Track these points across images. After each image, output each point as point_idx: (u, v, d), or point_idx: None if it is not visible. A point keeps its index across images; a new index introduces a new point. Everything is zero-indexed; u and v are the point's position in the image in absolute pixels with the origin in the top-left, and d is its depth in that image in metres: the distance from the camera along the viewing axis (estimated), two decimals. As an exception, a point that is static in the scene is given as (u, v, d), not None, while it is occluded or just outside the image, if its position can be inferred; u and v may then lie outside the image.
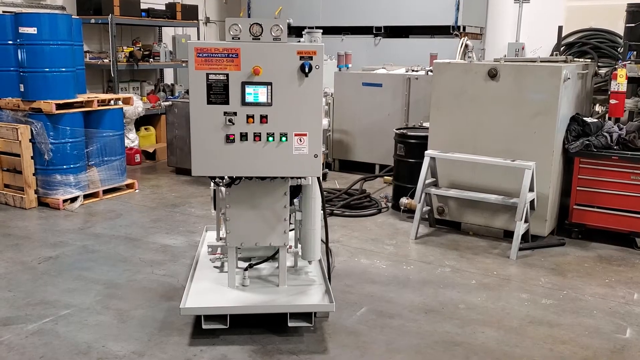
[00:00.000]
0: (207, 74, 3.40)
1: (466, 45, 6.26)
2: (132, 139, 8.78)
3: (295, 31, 9.03)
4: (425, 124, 6.51)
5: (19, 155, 6.35)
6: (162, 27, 10.20)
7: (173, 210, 6.46)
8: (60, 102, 6.34)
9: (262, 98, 3.44)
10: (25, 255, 5.06)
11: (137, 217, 6.18)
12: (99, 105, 6.76)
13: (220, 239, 4.33)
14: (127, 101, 7.28)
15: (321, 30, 4.05)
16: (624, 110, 5.87)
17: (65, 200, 6.44)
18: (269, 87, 3.43)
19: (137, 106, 8.46)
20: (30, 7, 8.13)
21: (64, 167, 6.48)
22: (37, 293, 4.31)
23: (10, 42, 6.42)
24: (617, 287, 4.61)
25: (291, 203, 3.91)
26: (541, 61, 5.72)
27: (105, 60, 8.79)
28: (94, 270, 4.75)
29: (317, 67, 3.40)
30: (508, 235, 5.48)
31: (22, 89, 6.42)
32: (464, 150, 5.61)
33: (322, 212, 3.93)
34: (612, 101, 5.68)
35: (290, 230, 3.93)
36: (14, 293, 4.30)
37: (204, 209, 6.45)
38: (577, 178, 5.53)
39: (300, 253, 4.12)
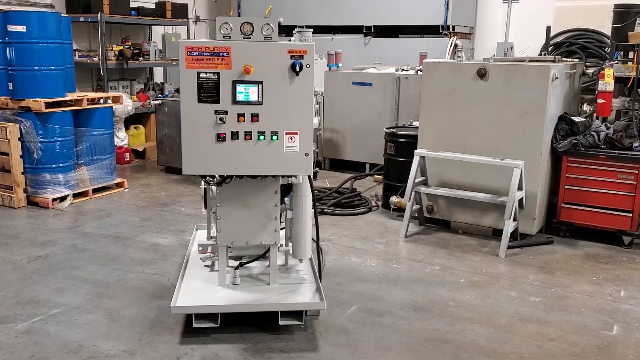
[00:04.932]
0: (198, 73, 3.40)
1: (455, 45, 6.28)
2: (121, 137, 8.75)
3: (286, 30, 9.04)
4: (415, 123, 6.54)
5: (7, 154, 6.31)
6: (152, 26, 10.16)
7: (163, 209, 6.45)
8: (50, 100, 6.31)
9: (253, 97, 3.44)
10: (14, 254, 5.04)
11: (127, 216, 6.16)
12: (88, 104, 6.73)
13: (211, 238, 4.33)
14: (116, 100, 7.26)
15: (311, 30, 4.05)
16: (612, 110, 5.92)
17: (54, 199, 6.41)
18: (260, 85, 3.43)
19: (127, 105, 8.42)
20: (19, 5, 8.08)
21: (53, 166, 6.45)
22: (26, 292, 4.29)
23: (-2, 40, 6.39)
24: (605, 284, 4.66)
25: (282, 202, 3.92)
26: (530, 61, 5.76)
27: (94, 58, 8.75)
28: (84, 269, 4.74)
29: (307, 66, 3.42)
30: (497, 233, 5.52)
31: (10, 88, 6.37)
32: (453, 149, 5.65)
33: (312, 210, 3.94)
34: (600, 100, 5.72)
35: (281, 229, 3.94)
36: (3, 292, 4.28)
37: (194, 208, 6.44)
38: (565, 177, 5.58)
39: (291, 252, 4.14)
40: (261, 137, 3.48)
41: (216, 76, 3.41)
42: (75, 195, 6.63)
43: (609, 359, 3.57)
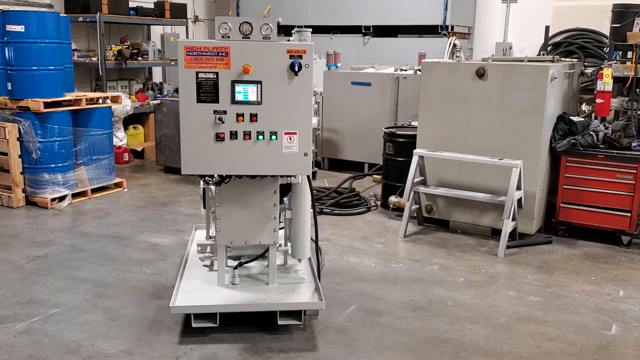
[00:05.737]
0: (197, 73, 3.40)
1: (454, 45, 6.28)
2: (120, 137, 8.75)
3: (285, 30, 9.05)
4: (414, 123, 6.53)
5: (6, 154, 6.31)
6: (151, 26, 10.15)
7: (162, 209, 6.45)
8: (48, 100, 6.30)
9: (252, 97, 3.44)
10: (13, 254, 5.03)
11: (126, 216, 6.16)
12: (87, 104, 6.72)
13: (210, 238, 4.33)
14: (115, 100, 7.26)
15: (310, 29, 4.05)
16: (610, 110, 5.93)
17: (53, 199, 6.40)
18: (259, 85, 3.43)
19: (126, 105, 8.43)
20: (17, 5, 8.07)
21: (52, 165, 6.45)
22: (25, 292, 4.29)
23: (-3, 40, 6.39)
24: (603, 284, 4.66)
25: (281, 201, 3.92)
26: (528, 61, 5.76)
27: (93, 58, 8.75)
28: (83, 269, 4.73)
29: (306, 65, 3.42)
30: (496, 233, 5.52)
31: (9, 87, 6.37)
32: (452, 149, 5.65)
33: (311, 210, 3.94)
34: (598, 100, 5.73)
35: (280, 229, 3.94)
36: (2, 292, 4.28)
37: (193, 208, 6.44)
38: (563, 176, 5.58)
39: (290, 251, 4.14)
40: (260, 137, 3.48)
41: (215, 76, 3.41)
42: (74, 195, 6.63)
43: (608, 358, 3.57)
